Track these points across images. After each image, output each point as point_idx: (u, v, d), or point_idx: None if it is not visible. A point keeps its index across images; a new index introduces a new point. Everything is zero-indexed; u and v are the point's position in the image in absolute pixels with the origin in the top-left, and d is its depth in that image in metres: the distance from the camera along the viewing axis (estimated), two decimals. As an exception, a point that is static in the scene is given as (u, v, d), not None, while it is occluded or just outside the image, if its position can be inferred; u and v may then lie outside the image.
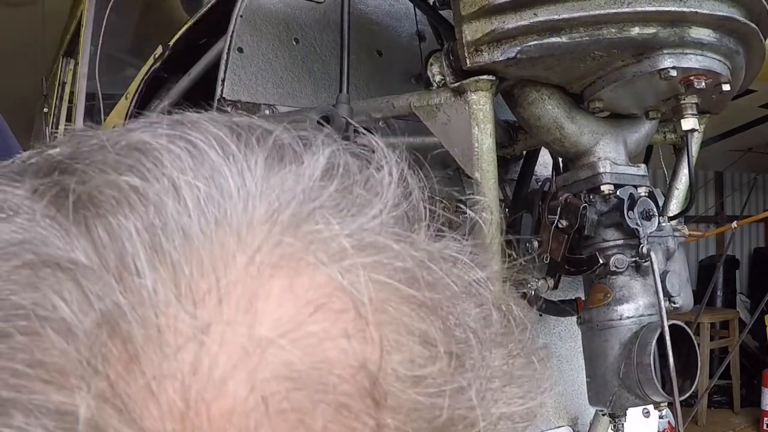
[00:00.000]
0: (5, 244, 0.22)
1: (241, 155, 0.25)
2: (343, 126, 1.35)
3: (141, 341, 0.20)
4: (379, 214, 0.25)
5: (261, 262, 0.22)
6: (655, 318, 1.30)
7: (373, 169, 0.28)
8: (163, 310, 0.21)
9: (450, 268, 0.27)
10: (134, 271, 0.21)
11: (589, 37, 1.19)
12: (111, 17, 2.94)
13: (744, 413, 5.48)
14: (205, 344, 0.21)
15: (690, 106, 1.25)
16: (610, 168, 1.33)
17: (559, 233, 1.35)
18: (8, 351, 0.20)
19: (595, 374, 1.35)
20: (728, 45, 1.24)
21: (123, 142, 0.24)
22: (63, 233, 0.22)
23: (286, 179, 0.25)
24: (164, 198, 0.23)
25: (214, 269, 0.22)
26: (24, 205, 0.23)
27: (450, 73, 1.32)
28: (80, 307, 0.21)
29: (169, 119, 0.27)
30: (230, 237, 0.23)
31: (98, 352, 0.20)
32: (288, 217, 0.24)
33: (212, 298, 0.21)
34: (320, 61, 1.76)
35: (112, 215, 0.22)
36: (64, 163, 0.25)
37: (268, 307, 0.22)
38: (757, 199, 7.39)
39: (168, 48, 2.04)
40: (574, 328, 1.57)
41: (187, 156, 0.24)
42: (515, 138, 1.63)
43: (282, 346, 0.21)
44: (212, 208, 0.23)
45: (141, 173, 0.23)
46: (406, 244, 0.25)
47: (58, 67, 3.95)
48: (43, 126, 4.04)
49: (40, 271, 0.21)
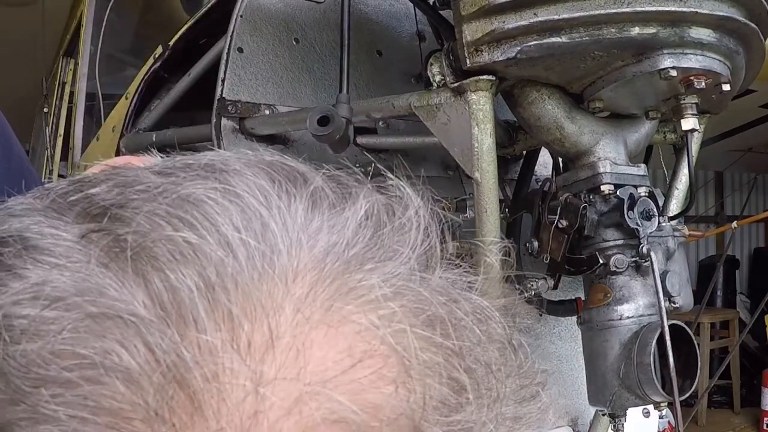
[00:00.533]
0: (66, 294, 0.22)
1: (283, 205, 0.26)
2: (343, 126, 1.35)
3: (204, 393, 0.22)
4: (408, 260, 0.27)
5: (307, 312, 0.24)
6: (655, 318, 1.30)
7: (400, 213, 0.29)
8: (223, 364, 0.22)
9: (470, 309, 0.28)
10: (194, 326, 0.22)
11: (589, 37, 1.19)
12: (111, 17, 2.94)
13: (744, 413, 5.48)
14: (262, 394, 0.22)
15: (690, 106, 1.25)
16: (610, 168, 1.33)
17: (559, 233, 1.35)
18: (74, 399, 0.21)
19: (595, 374, 1.35)
20: (728, 45, 1.24)
21: (174, 195, 0.25)
22: (119, 284, 0.23)
23: (324, 227, 0.26)
24: (219, 254, 0.24)
25: (266, 321, 0.23)
26: (75, 251, 0.24)
27: (450, 73, 1.32)
28: (146, 358, 0.22)
29: (209, 165, 0.28)
30: (279, 287, 0.24)
31: (164, 402, 0.21)
32: (329, 266, 0.25)
33: (266, 349, 0.23)
34: (320, 61, 1.76)
35: (170, 270, 0.23)
36: (113, 209, 0.25)
37: (315, 355, 0.23)
38: (757, 199, 7.40)
39: (168, 48, 2.04)
40: (574, 328, 1.57)
41: (236, 210, 0.25)
42: (515, 138, 1.63)
43: (330, 392, 0.23)
44: (262, 261, 0.24)
45: (195, 228, 0.24)
46: (433, 289, 0.27)
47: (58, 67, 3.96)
48: (43, 126, 4.04)
49: (103, 322, 0.22)
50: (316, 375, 0.23)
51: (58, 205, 0.26)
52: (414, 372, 0.24)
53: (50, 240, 0.24)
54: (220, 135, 1.61)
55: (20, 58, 4.33)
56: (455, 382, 0.25)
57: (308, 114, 1.35)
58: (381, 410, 0.23)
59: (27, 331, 0.22)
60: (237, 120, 1.63)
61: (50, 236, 0.24)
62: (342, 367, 0.23)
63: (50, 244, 0.24)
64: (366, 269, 0.26)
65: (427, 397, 0.24)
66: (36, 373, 0.21)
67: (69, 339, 0.22)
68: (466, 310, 0.28)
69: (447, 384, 0.25)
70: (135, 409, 0.21)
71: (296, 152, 1.66)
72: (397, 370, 0.24)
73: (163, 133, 1.92)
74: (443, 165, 1.81)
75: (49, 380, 0.21)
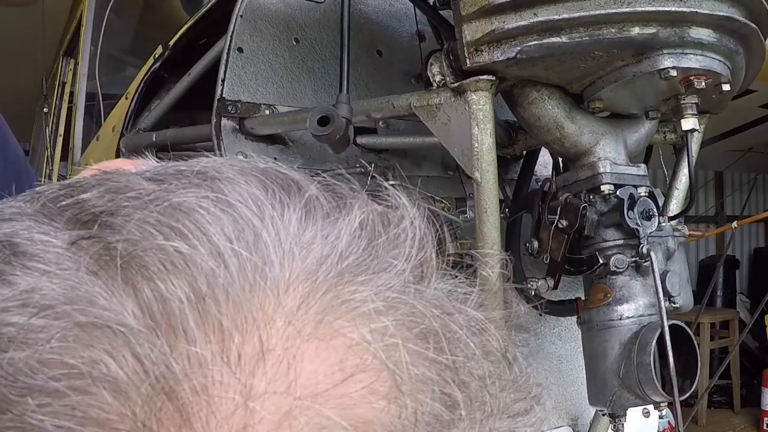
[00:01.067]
0: (55, 302, 0.22)
1: (276, 215, 0.26)
2: (343, 126, 1.35)
3: (194, 406, 0.21)
4: (402, 272, 0.27)
5: (298, 325, 0.23)
6: (655, 318, 1.30)
7: (395, 223, 0.29)
8: (213, 377, 0.22)
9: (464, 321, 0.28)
10: (184, 337, 0.22)
11: (589, 37, 1.19)
12: (111, 17, 2.94)
13: (744, 413, 5.48)
14: (251, 408, 0.22)
15: (690, 106, 1.25)
16: (610, 168, 1.33)
17: (559, 233, 1.35)
18: (62, 409, 0.21)
19: (595, 374, 1.35)
20: (728, 45, 1.24)
21: (165, 203, 0.25)
22: (109, 293, 0.23)
23: (317, 237, 0.26)
24: (210, 264, 0.23)
25: (257, 333, 0.23)
26: (64, 258, 0.24)
27: (450, 73, 1.32)
28: (134, 370, 0.21)
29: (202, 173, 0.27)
30: (270, 299, 0.24)
31: (152, 414, 0.21)
32: (322, 278, 0.25)
33: (256, 362, 0.22)
34: (320, 61, 1.76)
35: (160, 279, 0.23)
36: (103, 216, 0.25)
37: (306, 368, 0.23)
38: (757, 199, 7.40)
39: (168, 48, 2.04)
40: (574, 328, 1.57)
41: (228, 220, 0.25)
42: (515, 138, 1.63)
43: (320, 407, 0.22)
44: (253, 272, 0.24)
45: (186, 238, 0.24)
46: (427, 302, 0.27)
47: (58, 67, 3.96)
48: (43, 126, 4.04)
49: (92, 332, 0.22)
50: (307, 389, 0.23)
51: (48, 210, 0.26)
52: (406, 387, 0.24)
53: (40, 246, 0.24)
54: (220, 135, 1.61)
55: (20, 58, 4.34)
56: (448, 398, 0.25)
57: (308, 114, 1.35)
58: (371, 426, 0.23)
59: (15, 339, 0.22)
60: (237, 120, 1.63)
61: (40, 242, 0.24)
62: (333, 381, 0.23)
63: (40, 250, 0.24)
64: (359, 281, 0.25)
65: (419, 413, 0.24)
66: (23, 382, 0.21)
67: (57, 348, 0.21)
68: (461, 323, 0.28)
69: (440, 399, 0.25)
70: (122, 420, 0.21)
71: (296, 152, 1.67)
72: (389, 386, 0.24)
73: (163, 133, 1.92)
74: (443, 165, 1.81)
75: (36, 389, 0.21)
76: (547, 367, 1.80)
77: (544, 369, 1.79)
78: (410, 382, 0.24)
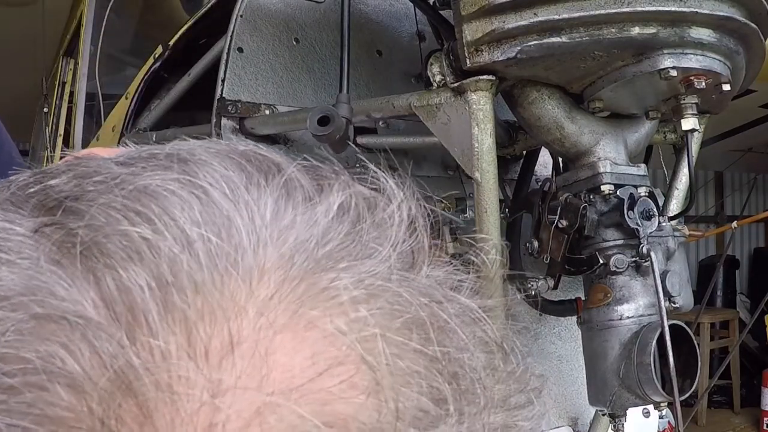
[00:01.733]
0: (12, 293, 0.21)
1: (251, 198, 0.24)
2: (343, 126, 1.35)
3: (155, 402, 0.20)
4: (387, 258, 0.25)
5: (271, 316, 0.22)
6: (655, 318, 1.30)
7: (382, 207, 0.27)
8: (177, 372, 0.20)
9: (456, 311, 0.26)
10: (147, 329, 0.21)
11: (589, 37, 1.19)
12: (111, 17, 2.94)
13: (744, 413, 5.48)
14: (218, 406, 0.20)
15: (690, 106, 1.25)
16: (610, 168, 1.33)
17: (559, 233, 1.35)
18: (17, 406, 0.20)
19: (595, 374, 1.35)
20: (728, 45, 1.24)
21: (131, 186, 0.24)
22: (69, 283, 0.21)
23: (296, 222, 0.24)
24: (176, 251, 0.22)
25: (226, 325, 0.21)
26: (26, 246, 0.23)
27: (450, 73, 1.32)
28: (91, 364, 0.20)
29: (173, 155, 0.26)
30: (241, 288, 0.22)
31: (111, 411, 0.20)
32: (298, 265, 0.23)
33: (225, 355, 0.21)
34: (320, 61, 1.76)
35: (123, 268, 0.22)
36: (68, 201, 0.24)
37: (279, 362, 0.21)
38: (757, 199, 7.40)
39: (168, 48, 2.04)
40: (574, 328, 1.57)
41: (197, 204, 0.23)
42: (515, 138, 1.63)
43: (294, 403, 0.21)
44: (224, 260, 0.22)
45: (152, 223, 0.22)
46: (414, 290, 0.25)
47: (58, 67, 3.96)
48: (43, 126, 4.04)
49: (48, 324, 0.21)
50: (279, 384, 0.21)
51: (17, 197, 0.25)
52: (386, 381, 0.22)
53: (2, 234, 0.23)
54: (220, 135, 1.61)
55: (20, 58, 4.34)
56: (435, 392, 0.23)
57: (308, 114, 1.35)
58: (349, 422, 0.21)
59: None
60: (237, 120, 1.63)
61: (2, 230, 0.23)
62: (308, 375, 0.21)
63: (1, 239, 0.23)
64: (339, 268, 0.23)
65: (402, 408, 0.22)
66: None
67: (13, 341, 0.20)
68: (451, 312, 0.26)
69: (427, 393, 0.23)
70: (80, 418, 0.20)
71: (296, 152, 1.67)
72: (368, 380, 0.22)
73: (163, 133, 1.92)
74: (443, 165, 1.80)
75: None
76: (547, 367, 1.80)
77: (544, 369, 1.79)
78: (392, 375, 0.23)
